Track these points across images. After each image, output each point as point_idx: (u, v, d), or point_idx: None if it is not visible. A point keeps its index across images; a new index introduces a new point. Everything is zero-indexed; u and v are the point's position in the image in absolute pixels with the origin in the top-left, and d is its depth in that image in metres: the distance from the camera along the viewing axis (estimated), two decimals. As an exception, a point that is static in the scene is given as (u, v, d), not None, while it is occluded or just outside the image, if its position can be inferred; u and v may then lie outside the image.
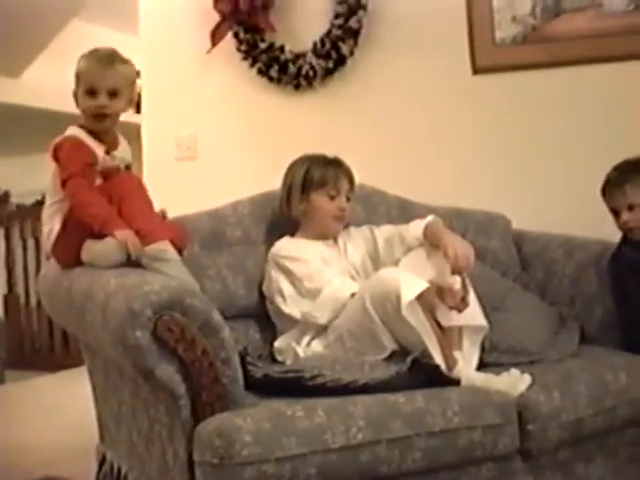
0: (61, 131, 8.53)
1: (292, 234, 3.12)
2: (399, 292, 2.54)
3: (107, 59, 2.72)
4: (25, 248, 7.73)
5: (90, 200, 2.57)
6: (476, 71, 4.04)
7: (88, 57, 2.73)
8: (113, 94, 2.68)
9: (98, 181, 2.68)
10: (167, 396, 2.16)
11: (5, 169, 11.01)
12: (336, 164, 3.12)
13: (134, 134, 3.85)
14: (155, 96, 4.45)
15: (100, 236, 2.51)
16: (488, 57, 4.02)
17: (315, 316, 2.84)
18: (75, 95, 2.75)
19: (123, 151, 2.84)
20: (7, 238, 7.76)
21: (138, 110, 4.32)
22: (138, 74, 2.96)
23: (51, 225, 2.70)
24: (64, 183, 2.62)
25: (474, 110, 4.03)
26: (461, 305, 2.68)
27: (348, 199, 3.10)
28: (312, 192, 3.06)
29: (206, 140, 4.33)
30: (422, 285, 2.60)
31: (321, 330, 2.85)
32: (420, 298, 2.59)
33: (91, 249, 2.55)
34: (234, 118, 4.35)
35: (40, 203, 10.31)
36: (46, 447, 4.24)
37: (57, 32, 8.10)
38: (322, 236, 3.10)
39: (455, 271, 2.73)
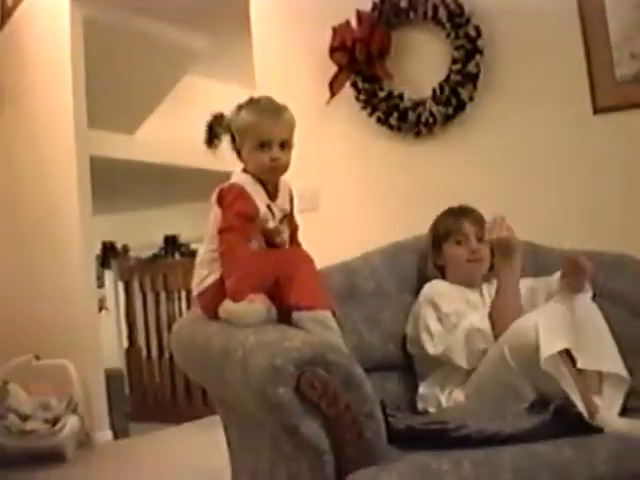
0: (176, 185, 8.72)
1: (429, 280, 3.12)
2: (539, 345, 2.50)
3: (274, 110, 2.68)
4: (145, 302, 7.86)
5: (238, 263, 2.54)
6: (597, 110, 3.96)
7: (253, 110, 2.67)
8: (283, 145, 2.65)
9: (258, 238, 2.65)
10: (310, 452, 2.13)
11: (123, 224, 11.24)
12: (460, 211, 3.12)
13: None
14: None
15: None
16: (609, 96, 3.94)
17: (454, 355, 2.82)
18: (238, 149, 2.71)
19: (283, 200, 2.78)
20: (127, 292, 7.90)
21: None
22: None
23: (207, 271, 2.64)
24: (220, 232, 2.58)
25: (596, 150, 3.95)
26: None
27: (479, 239, 3.07)
28: (443, 244, 3.08)
29: (327, 190, 4.36)
30: (562, 344, 2.55)
31: (463, 377, 2.82)
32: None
33: (229, 308, 2.53)
34: (355, 167, 4.37)
35: (156, 257, 10.55)
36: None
37: (170, 88, 8.27)
38: (467, 283, 3.08)
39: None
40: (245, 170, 2.70)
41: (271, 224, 2.66)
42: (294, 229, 2.85)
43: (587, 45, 3.96)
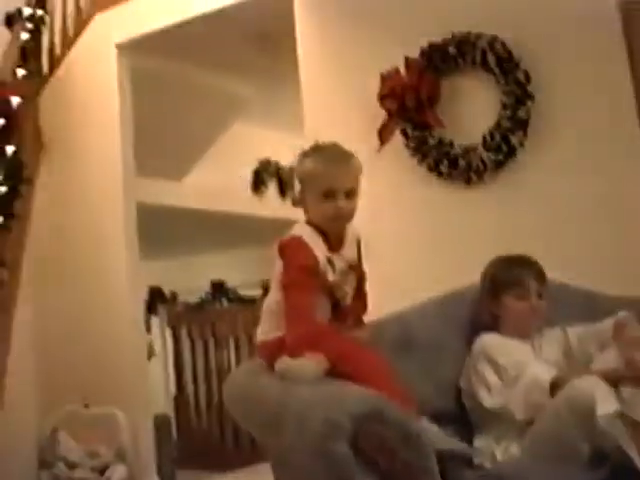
0: (223, 231, 8.72)
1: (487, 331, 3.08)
2: (595, 403, 2.45)
3: (340, 158, 2.63)
4: (193, 349, 7.87)
5: (299, 320, 2.50)
6: (648, 152, 3.93)
7: (318, 157, 2.63)
8: (348, 194, 2.59)
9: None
10: (369, 509, 2.11)
11: (170, 269, 11.27)
12: (522, 263, 3.07)
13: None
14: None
15: None
16: (657, 135, 3.92)
17: (511, 409, 2.77)
18: (302, 198, 2.67)
19: (350, 250, 2.74)
20: (175, 338, 7.91)
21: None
22: None
23: (273, 324, 2.63)
24: (285, 287, 2.56)
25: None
26: None
27: (540, 296, 3.03)
28: (502, 295, 3.03)
29: (377, 239, 4.33)
30: (615, 406, 2.51)
31: (519, 432, 2.77)
32: None
33: (285, 362, 2.47)
34: (405, 215, 4.36)
35: (204, 302, 10.56)
36: None
37: (218, 136, 8.32)
38: (520, 336, 3.04)
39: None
40: (308, 221, 2.67)
41: (330, 277, 2.62)
42: (360, 278, 2.81)
43: (637, 88, 3.93)
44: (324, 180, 2.58)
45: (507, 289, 3.03)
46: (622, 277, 3.75)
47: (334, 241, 2.67)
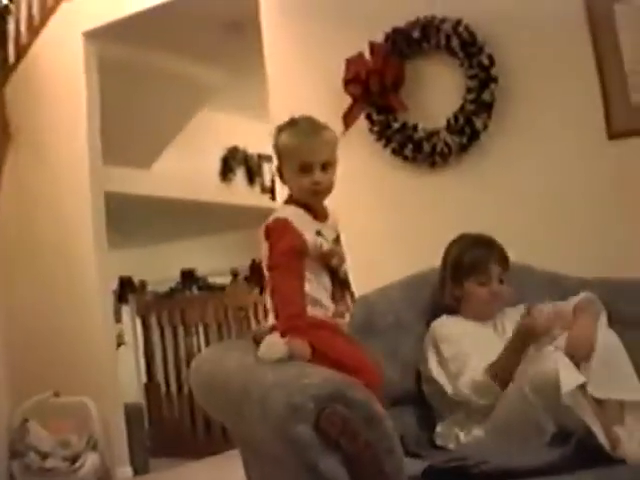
0: (192, 219, 8.73)
1: (449, 313, 3.09)
2: (558, 380, 2.48)
3: (313, 131, 2.64)
4: (163, 336, 7.86)
5: (283, 302, 2.52)
6: (612, 136, 3.93)
7: (291, 132, 2.65)
8: (325, 167, 2.61)
9: (318, 272, 2.63)
10: (331, 490, 2.12)
11: (139, 258, 11.26)
12: (485, 245, 3.09)
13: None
14: (288, 181, 4.48)
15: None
16: (624, 121, 3.90)
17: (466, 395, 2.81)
18: (279, 171, 2.70)
19: (333, 221, 2.78)
20: (145, 327, 7.89)
21: (273, 196, 4.34)
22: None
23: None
24: (269, 269, 2.57)
25: (612, 176, 3.91)
26: None
27: (501, 281, 3.05)
28: (464, 279, 3.05)
29: (341, 222, 4.33)
30: (582, 378, 2.53)
31: (484, 415, 2.79)
32: None
33: (265, 339, 2.49)
34: (370, 199, 4.36)
35: (173, 291, 10.55)
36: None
37: (186, 123, 8.30)
38: (481, 319, 3.06)
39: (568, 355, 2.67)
40: (289, 199, 2.70)
41: (325, 247, 2.63)
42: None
43: (601, 71, 3.94)
44: (299, 154, 2.60)
45: (469, 274, 3.05)
46: (585, 259, 3.78)
47: (319, 213, 2.70)
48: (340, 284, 2.70)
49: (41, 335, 6.07)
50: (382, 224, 4.33)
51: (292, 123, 2.70)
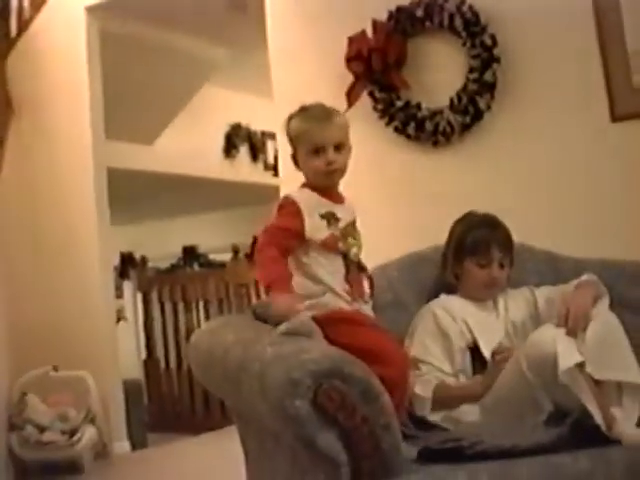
0: (194, 195, 8.72)
1: (450, 291, 3.10)
2: (556, 358, 2.48)
3: (324, 115, 2.68)
4: (163, 312, 7.88)
5: (273, 255, 2.56)
6: (615, 118, 3.93)
7: (303, 118, 2.70)
8: (338, 147, 2.65)
9: (332, 259, 2.65)
10: (327, 464, 2.11)
11: (141, 234, 11.27)
12: (491, 227, 3.08)
13: (273, 196, 3.87)
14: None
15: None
16: (627, 103, 3.91)
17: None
18: (294, 158, 2.73)
19: (350, 205, 2.80)
20: (145, 302, 7.91)
21: (276, 173, 4.35)
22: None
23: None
24: (264, 229, 2.63)
25: (614, 158, 3.92)
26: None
27: (502, 266, 3.05)
28: (465, 258, 3.05)
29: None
30: (579, 357, 2.54)
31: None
32: None
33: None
34: (372, 177, 4.36)
35: (175, 267, 10.56)
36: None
37: (189, 99, 8.28)
38: (476, 299, 3.07)
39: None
40: (304, 184, 2.72)
41: (326, 233, 2.65)
42: None
43: (604, 53, 3.94)
44: (311, 136, 2.64)
45: (471, 254, 3.05)
46: (586, 240, 3.78)
47: (334, 196, 2.73)
48: (356, 267, 2.72)
49: (41, 310, 6.09)
50: (383, 202, 4.33)
51: (303, 109, 2.74)
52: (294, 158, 2.73)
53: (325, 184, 2.69)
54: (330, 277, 2.63)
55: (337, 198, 2.74)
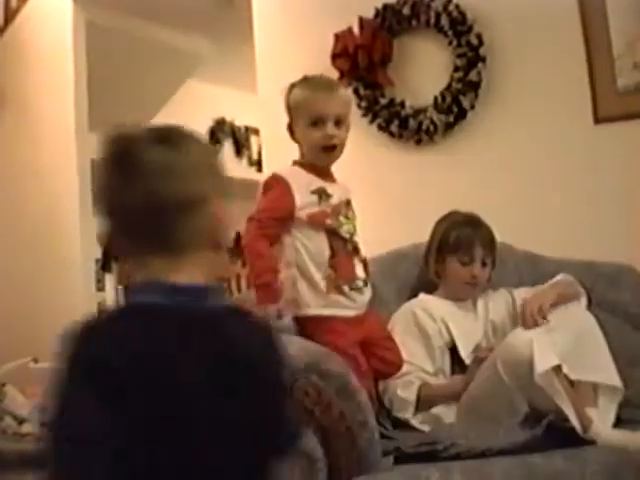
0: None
1: (430, 291, 3.09)
2: (532, 361, 2.48)
3: (329, 85, 2.64)
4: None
5: (261, 251, 2.50)
6: (598, 121, 3.94)
7: (306, 85, 2.64)
8: (338, 122, 2.58)
9: (316, 237, 2.61)
10: (303, 460, 2.13)
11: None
12: (474, 226, 3.07)
13: (256, 192, 3.86)
14: (275, 153, 4.47)
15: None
16: (610, 106, 3.91)
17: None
18: (290, 128, 2.67)
19: (344, 185, 2.75)
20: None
21: (260, 168, 4.34)
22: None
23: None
24: (250, 218, 2.55)
25: (597, 161, 3.92)
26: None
27: (484, 264, 3.04)
28: (447, 256, 3.03)
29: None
30: (555, 360, 2.54)
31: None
32: None
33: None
34: (355, 174, 4.34)
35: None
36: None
37: (173, 92, 8.25)
38: (457, 298, 3.06)
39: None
40: (295, 161, 2.68)
41: (315, 208, 2.61)
42: None
43: (589, 55, 3.94)
44: (312, 106, 2.59)
45: (453, 252, 3.03)
46: (567, 241, 3.79)
47: (325, 174, 2.68)
48: (345, 248, 2.66)
49: (21, 301, 6.06)
50: (365, 200, 4.27)
51: (305, 79, 2.70)
52: (290, 128, 2.67)
53: (320, 160, 2.64)
54: (311, 262, 2.58)
55: (329, 177, 2.69)
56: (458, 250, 3.03)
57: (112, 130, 1.58)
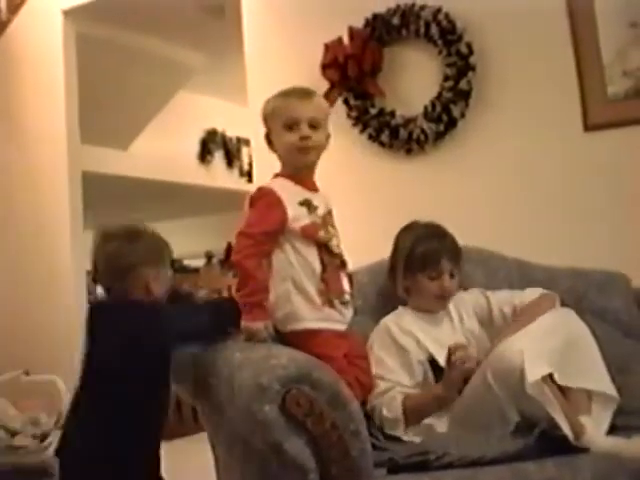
0: (168, 201, 8.69)
1: (403, 304, 3.07)
2: (523, 370, 2.47)
3: (302, 92, 2.64)
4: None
5: (252, 271, 2.48)
6: (588, 128, 3.96)
7: (281, 95, 2.65)
8: (313, 126, 2.57)
9: (306, 249, 2.59)
10: (296, 470, 2.11)
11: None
12: (439, 238, 3.03)
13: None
14: (266, 165, 4.44)
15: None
16: (600, 113, 3.93)
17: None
18: (268, 137, 2.67)
19: (325, 196, 2.73)
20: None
21: (250, 179, 4.33)
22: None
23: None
24: (239, 233, 2.52)
25: (587, 168, 3.93)
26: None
27: (452, 275, 3.00)
28: (415, 273, 2.99)
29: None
30: (546, 369, 2.53)
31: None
32: None
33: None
34: (345, 184, 4.36)
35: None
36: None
37: (164, 104, 8.27)
38: (427, 311, 3.02)
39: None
40: (277, 174, 2.66)
41: (307, 220, 2.59)
42: None
43: (579, 63, 3.96)
44: (286, 111, 2.59)
45: (421, 270, 2.97)
46: (557, 248, 3.80)
47: (309, 184, 2.67)
48: (334, 262, 2.65)
49: (13, 313, 6.05)
50: (356, 210, 4.32)
51: (283, 90, 2.70)
52: (268, 138, 2.68)
53: (298, 163, 2.62)
54: (305, 276, 2.57)
55: (311, 186, 2.68)
56: (426, 267, 2.96)
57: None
